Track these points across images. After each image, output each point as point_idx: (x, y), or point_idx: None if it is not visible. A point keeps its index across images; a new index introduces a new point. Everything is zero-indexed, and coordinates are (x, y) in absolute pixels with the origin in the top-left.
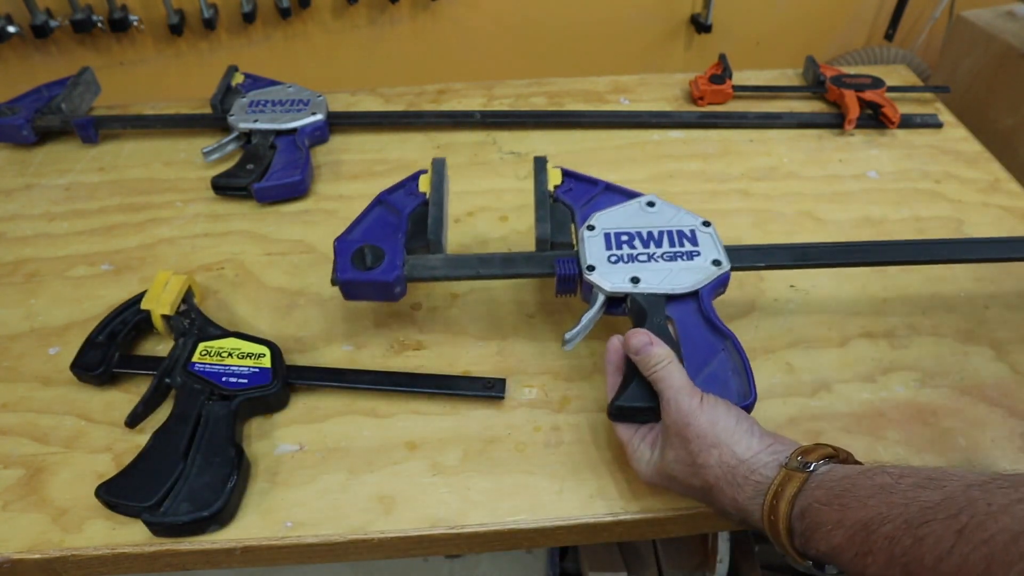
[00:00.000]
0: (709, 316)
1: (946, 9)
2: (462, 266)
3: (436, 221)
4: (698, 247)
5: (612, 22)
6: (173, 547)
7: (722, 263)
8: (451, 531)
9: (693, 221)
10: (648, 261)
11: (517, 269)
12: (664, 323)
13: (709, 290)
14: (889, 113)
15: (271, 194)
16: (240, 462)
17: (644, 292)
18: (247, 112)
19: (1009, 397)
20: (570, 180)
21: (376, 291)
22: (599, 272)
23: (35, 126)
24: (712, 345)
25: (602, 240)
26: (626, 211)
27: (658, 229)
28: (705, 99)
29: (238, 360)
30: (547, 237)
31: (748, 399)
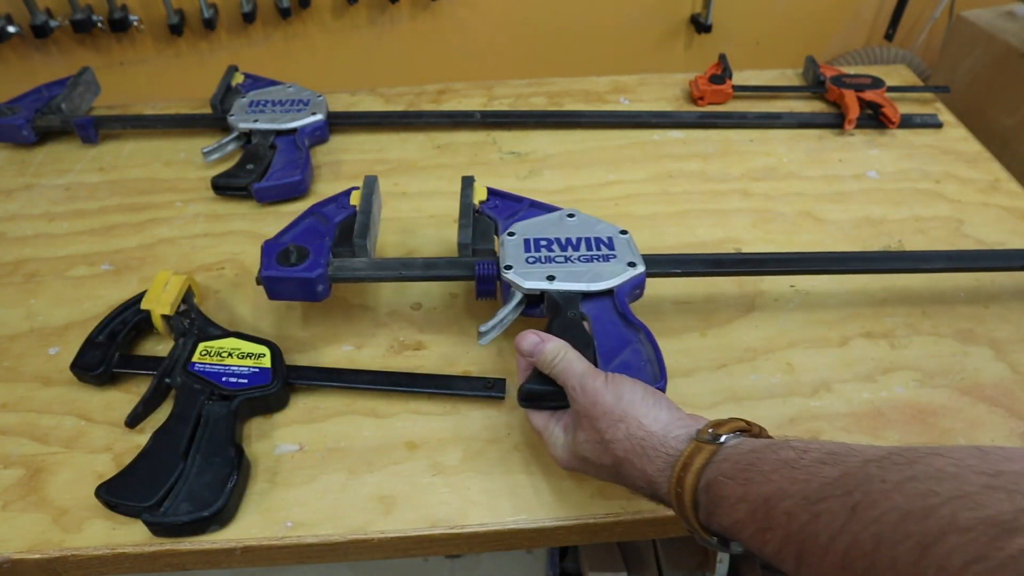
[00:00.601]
0: (623, 311)
1: (946, 9)
2: (385, 268)
3: (362, 227)
4: (614, 251)
5: (612, 22)
6: (173, 547)
7: (637, 265)
8: (451, 531)
9: (611, 230)
10: (565, 262)
11: (439, 271)
12: (578, 317)
13: (625, 289)
14: (889, 113)
15: (271, 194)
16: (240, 462)
17: (559, 289)
18: (247, 112)
19: (1009, 397)
20: (496, 198)
21: (299, 288)
22: (516, 271)
23: (35, 126)
24: (625, 337)
25: (521, 244)
26: (547, 220)
27: (576, 236)
28: (705, 99)
29: (238, 360)
30: (468, 242)
31: (658, 382)
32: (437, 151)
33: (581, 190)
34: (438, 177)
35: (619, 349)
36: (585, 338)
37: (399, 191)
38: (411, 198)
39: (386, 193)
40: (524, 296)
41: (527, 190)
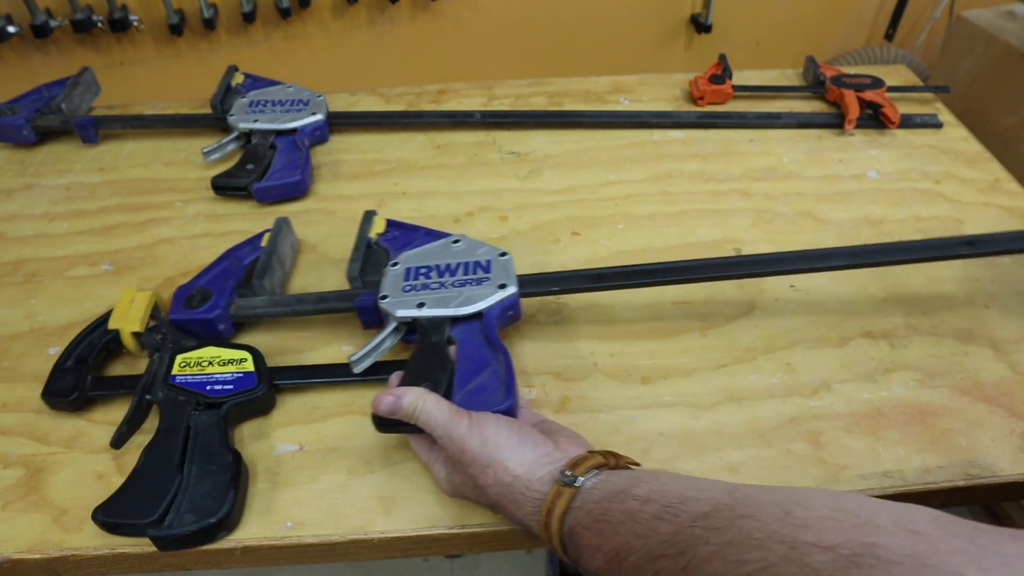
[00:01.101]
0: (488, 334)
1: (946, 9)
2: (280, 304)
3: (263, 268)
4: (489, 274)
5: (612, 22)
6: None
7: (508, 286)
8: (451, 531)
9: (491, 253)
10: (439, 288)
11: (330, 304)
12: (441, 342)
13: (495, 311)
14: (889, 113)
15: (271, 194)
16: (239, 466)
17: (428, 316)
18: (247, 112)
19: (1009, 397)
20: (394, 229)
21: (202, 327)
22: (390, 300)
23: (35, 126)
24: (486, 359)
25: (402, 274)
26: (432, 248)
27: (456, 261)
28: (705, 99)
29: (220, 368)
30: (356, 275)
31: (503, 404)
32: (437, 151)
33: (581, 190)
34: (438, 177)
35: (478, 371)
36: (443, 362)
37: (399, 191)
38: (411, 198)
39: (386, 193)
40: (399, 324)
41: (527, 190)
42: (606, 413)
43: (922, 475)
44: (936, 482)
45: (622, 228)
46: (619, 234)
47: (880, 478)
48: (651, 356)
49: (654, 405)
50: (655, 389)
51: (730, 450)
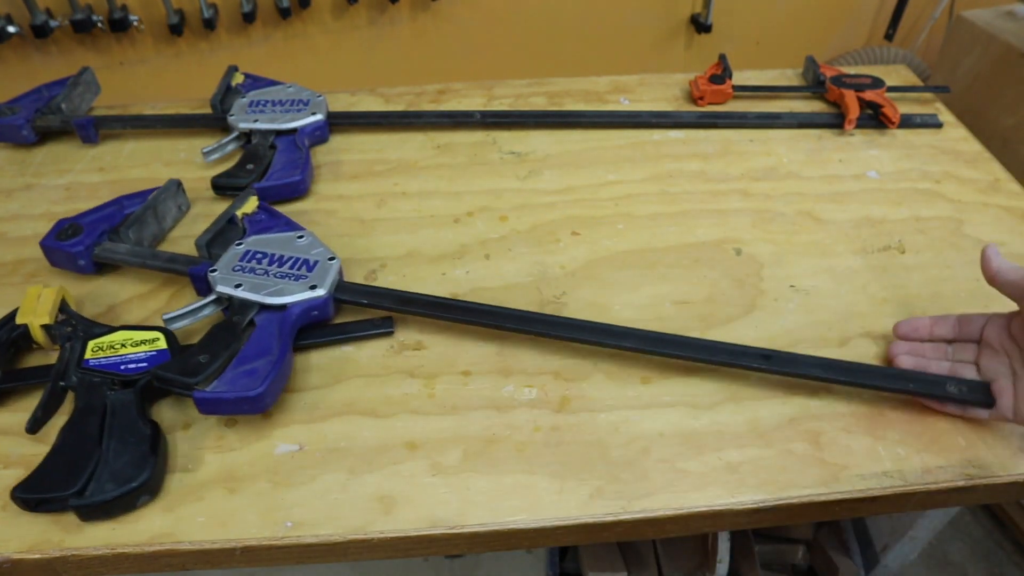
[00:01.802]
0: (284, 328)
1: (946, 9)
2: (136, 256)
3: (137, 219)
4: (310, 274)
5: (612, 22)
6: (173, 547)
7: (317, 288)
8: (451, 531)
9: (323, 255)
10: (262, 275)
11: (173, 266)
12: (239, 322)
13: (299, 308)
14: (889, 113)
15: (271, 194)
16: (157, 436)
17: (240, 296)
18: (247, 112)
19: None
20: (262, 213)
21: (64, 259)
22: (218, 275)
23: (35, 126)
24: (270, 348)
25: (240, 254)
26: (279, 238)
27: (289, 255)
28: (705, 99)
29: (132, 348)
30: (203, 245)
31: (254, 391)
32: (437, 151)
33: (581, 190)
34: (438, 177)
35: (257, 357)
36: (229, 340)
37: (399, 191)
38: (411, 198)
39: (386, 193)
40: (219, 297)
41: (527, 190)
42: (606, 413)
43: (922, 475)
44: (936, 482)
45: (622, 228)
46: (619, 234)
47: (880, 478)
48: (651, 356)
49: (654, 405)
50: (655, 389)
51: (730, 450)
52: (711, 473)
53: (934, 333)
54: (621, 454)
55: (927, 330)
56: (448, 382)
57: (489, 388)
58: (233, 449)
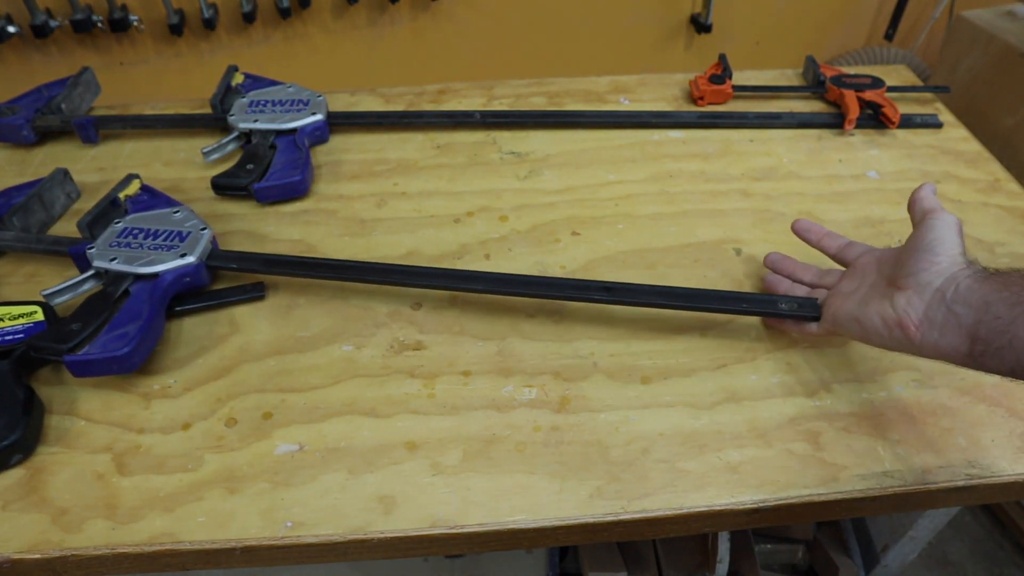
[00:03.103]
0: (155, 296)
1: (946, 9)
2: (21, 241)
3: (22, 207)
4: (182, 244)
5: (612, 22)
6: (173, 547)
7: (188, 256)
8: (451, 531)
9: (196, 226)
10: (137, 248)
11: (57, 247)
12: (112, 292)
13: (171, 276)
14: (889, 113)
15: (271, 194)
16: (32, 398)
17: (114, 269)
18: (247, 112)
19: (1009, 397)
20: (145, 194)
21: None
22: (95, 251)
23: (35, 126)
24: (140, 313)
25: (118, 231)
26: (156, 215)
27: (164, 228)
28: (705, 99)
29: (10, 322)
30: (84, 226)
31: (120, 351)
32: (437, 151)
33: (581, 190)
34: (438, 177)
35: (128, 322)
36: (101, 309)
37: (399, 191)
38: (411, 198)
39: (386, 193)
40: (97, 272)
41: (527, 190)
42: (606, 413)
43: (922, 475)
44: (936, 482)
45: (622, 228)
46: (619, 234)
47: (880, 478)
48: (651, 356)
49: (654, 405)
50: (655, 389)
51: (730, 450)
52: (711, 473)
53: (796, 273)
54: (621, 454)
55: (791, 268)
56: (448, 382)
57: (489, 388)
58: (233, 449)
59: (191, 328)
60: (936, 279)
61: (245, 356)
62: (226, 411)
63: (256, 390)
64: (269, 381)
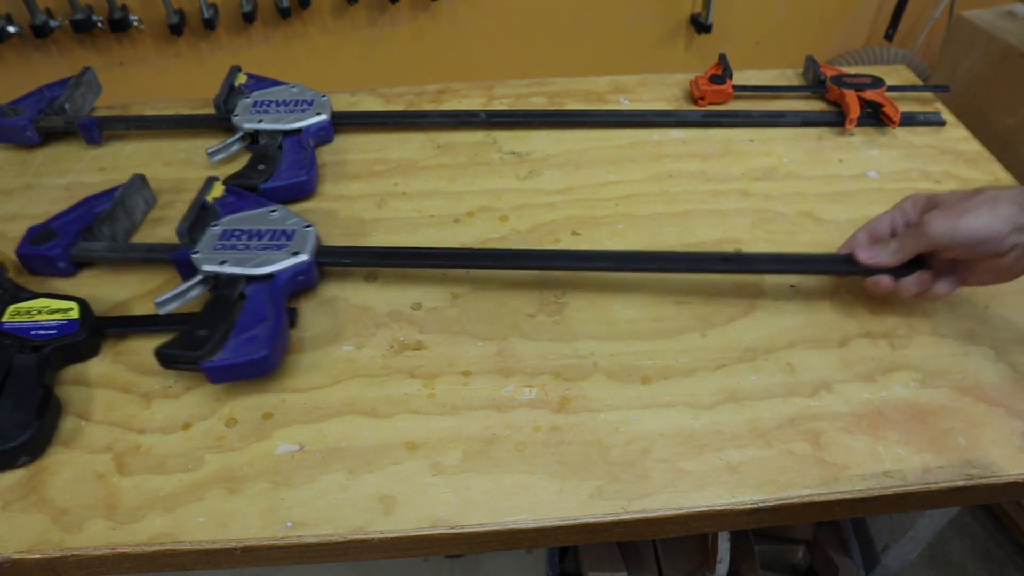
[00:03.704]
0: (274, 295)
1: (946, 9)
2: (115, 251)
3: (108, 215)
4: (290, 242)
5: (612, 22)
6: (173, 547)
7: (300, 254)
8: (451, 531)
9: (299, 223)
10: (244, 250)
11: (155, 255)
12: (228, 296)
13: (286, 275)
14: (890, 112)
15: (278, 194)
16: (48, 400)
17: (226, 272)
18: (251, 112)
19: (1009, 397)
20: (231, 195)
21: (43, 263)
22: (200, 255)
23: (38, 127)
24: (266, 315)
25: (219, 234)
26: (252, 215)
27: (266, 228)
28: (706, 99)
29: (47, 316)
30: (184, 232)
31: (259, 353)
32: (437, 151)
33: (581, 190)
34: (438, 177)
35: (255, 324)
36: (224, 313)
37: (399, 191)
38: (411, 198)
39: (386, 193)
40: (206, 276)
41: (527, 190)
42: (606, 413)
43: (922, 475)
44: (936, 482)
45: (622, 228)
46: (619, 234)
47: (880, 478)
48: (651, 356)
49: (654, 405)
50: (655, 389)
51: (730, 450)
52: (711, 473)
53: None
54: (621, 454)
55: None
56: (448, 382)
57: (489, 388)
58: (233, 449)
59: None
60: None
61: None
62: (226, 411)
63: (256, 390)
64: (269, 381)
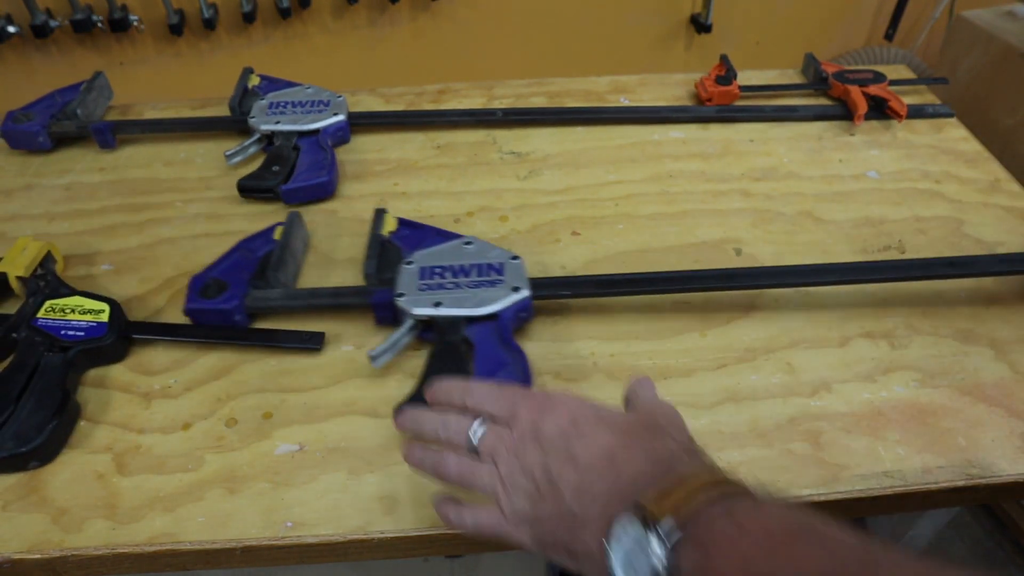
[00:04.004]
0: (504, 336)
1: (946, 9)
2: (295, 298)
3: (278, 261)
4: (503, 276)
5: (612, 22)
6: (173, 547)
7: (521, 289)
8: (451, 531)
9: (503, 256)
10: (454, 289)
11: (344, 300)
12: (458, 342)
13: (510, 313)
14: (895, 107)
15: (299, 195)
16: (65, 405)
17: (444, 315)
18: (267, 114)
19: (1009, 397)
20: (405, 228)
21: (219, 317)
22: (407, 298)
23: (51, 132)
24: (502, 359)
25: (417, 272)
26: (445, 249)
27: (469, 263)
28: (713, 100)
29: (79, 316)
30: (372, 272)
31: None
32: (437, 151)
33: (581, 190)
34: (438, 177)
35: (494, 371)
36: (461, 362)
37: (399, 191)
38: (411, 198)
39: (386, 193)
40: (416, 321)
41: (527, 190)
42: None
43: (922, 475)
44: (936, 482)
45: (622, 228)
46: (619, 234)
47: (880, 478)
48: (651, 356)
49: None
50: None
51: (730, 450)
52: None
53: None
54: None
55: None
56: None
57: None
58: (233, 449)
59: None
60: None
61: (245, 356)
62: (226, 411)
63: (256, 390)
64: (269, 381)
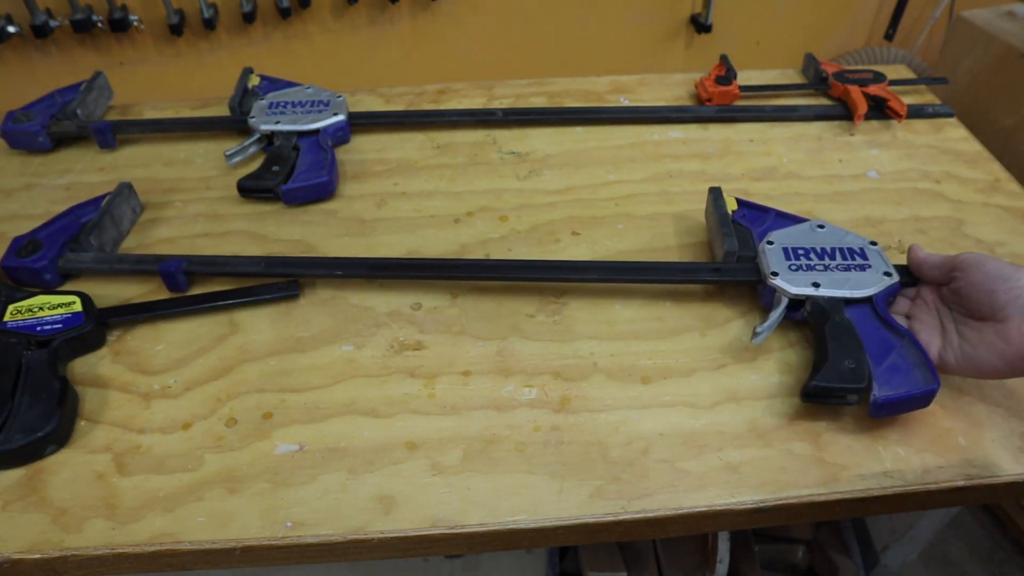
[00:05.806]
0: (885, 317)
1: (946, 9)
2: (104, 262)
3: (95, 225)
4: (868, 261)
5: (612, 22)
6: (173, 547)
7: (892, 275)
8: (451, 531)
9: (860, 241)
10: (825, 271)
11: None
12: (847, 322)
13: (882, 296)
14: (895, 106)
15: (299, 195)
16: (66, 391)
17: (824, 295)
18: (267, 114)
19: (1009, 397)
20: (744, 208)
21: (29, 275)
22: (782, 277)
23: (51, 132)
24: (889, 342)
25: (781, 252)
26: (799, 231)
27: (830, 246)
28: (713, 100)
29: (49, 311)
30: (735, 250)
31: (932, 384)
32: (437, 151)
33: (581, 190)
34: (438, 177)
35: (886, 354)
36: (856, 342)
37: (399, 191)
38: (411, 198)
39: (386, 193)
40: (789, 300)
41: (527, 190)
42: (606, 413)
43: (922, 475)
44: (936, 482)
45: (622, 228)
46: (619, 234)
47: (880, 478)
48: (651, 356)
49: (654, 405)
50: (655, 389)
51: (730, 450)
52: (711, 473)
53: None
54: (621, 454)
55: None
56: (448, 382)
57: (489, 388)
58: (233, 449)
59: (191, 328)
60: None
61: (245, 356)
62: (226, 411)
63: (256, 390)
64: (269, 381)
